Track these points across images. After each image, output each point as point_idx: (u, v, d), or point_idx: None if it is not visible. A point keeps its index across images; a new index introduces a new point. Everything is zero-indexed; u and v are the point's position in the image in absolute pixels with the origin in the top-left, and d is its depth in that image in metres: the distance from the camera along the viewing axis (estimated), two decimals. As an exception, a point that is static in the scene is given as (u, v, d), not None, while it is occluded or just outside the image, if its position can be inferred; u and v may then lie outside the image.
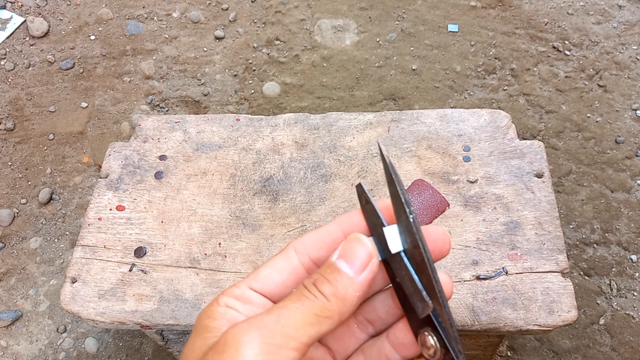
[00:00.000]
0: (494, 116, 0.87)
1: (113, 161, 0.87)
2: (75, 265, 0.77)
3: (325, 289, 0.29)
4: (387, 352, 0.34)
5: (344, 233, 0.33)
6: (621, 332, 1.13)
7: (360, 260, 0.30)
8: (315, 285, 0.30)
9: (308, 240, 0.33)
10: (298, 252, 0.33)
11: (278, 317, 0.28)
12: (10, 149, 1.48)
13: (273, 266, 0.33)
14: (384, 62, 1.59)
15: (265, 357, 0.27)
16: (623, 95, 1.48)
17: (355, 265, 0.30)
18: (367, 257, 0.31)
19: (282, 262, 0.33)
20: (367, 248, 0.31)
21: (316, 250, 0.33)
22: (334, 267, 0.30)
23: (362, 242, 0.31)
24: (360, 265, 0.30)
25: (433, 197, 0.79)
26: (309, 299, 0.29)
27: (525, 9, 1.68)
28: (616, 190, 1.32)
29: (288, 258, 0.33)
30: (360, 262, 0.30)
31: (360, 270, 0.30)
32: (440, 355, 0.32)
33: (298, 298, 0.29)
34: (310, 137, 0.87)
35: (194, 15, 1.72)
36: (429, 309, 0.31)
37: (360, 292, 0.30)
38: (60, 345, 1.18)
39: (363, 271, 0.30)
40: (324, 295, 0.29)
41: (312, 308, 0.29)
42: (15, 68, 1.63)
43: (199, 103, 1.55)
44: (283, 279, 0.32)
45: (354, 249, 0.31)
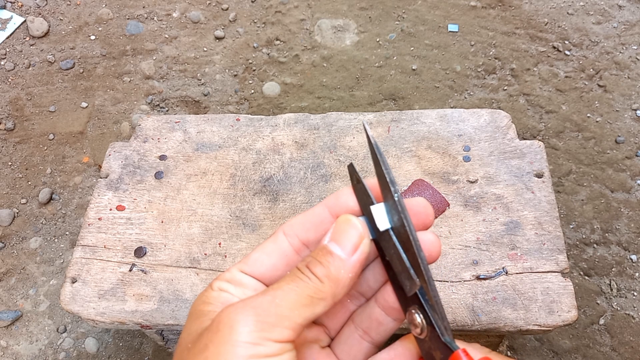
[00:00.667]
0: (494, 116, 0.87)
1: (113, 161, 0.87)
2: (75, 265, 0.77)
3: (318, 271, 0.30)
4: (377, 317, 0.34)
5: (331, 214, 0.33)
6: (621, 332, 1.13)
7: (351, 241, 0.31)
8: (308, 268, 0.30)
9: (296, 223, 0.33)
10: (287, 235, 0.33)
11: (273, 297, 0.29)
12: (10, 149, 1.48)
13: (263, 250, 0.33)
14: (384, 62, 1.59)
15: (259, 334, 0.27)
16: (623, 95, 1.48)
17: (346, 247, 0.30)
18: (358, 238, 0.31)
19: (272, 245, 0.33)
20: (357, 229, 0.31)
21: (304, 232, 0.33)
22: (326, 250, 0.31)
23: (353, 224, 0.31)
24: (352, 247, 0.31)
25: (433, 197, 0.79)
26: (302, 280, 0.29)
27: (525, 9, 1.68)
28: (616, 190, 1.32)
29: (277, 241, 0.33)
30: (352, 243, 0.31)
31: (352, 251, 0.30)
32: (427, 333, 0.32)
33: (292, 280, 0.30)
34: (310, 137, 0.87)
35: (194, 15, 1.72)
36: (416, 287, 0.31)
37: (352, 273, 0.30)
38: (60, 345, 1.18)
39: (355, 252, 0.31)
40: (317, 277, 0.30)
41: (306, 290, 0.29)
42: (15, 68, 1.63)
43: (199, 103, 1.55)
44: (273, 261, 0.33)
45: (345, 231, 0.31)
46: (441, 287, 0.72)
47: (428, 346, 0.33)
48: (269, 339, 0.28)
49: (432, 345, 0.32)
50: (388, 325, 0.34)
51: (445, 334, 0.32)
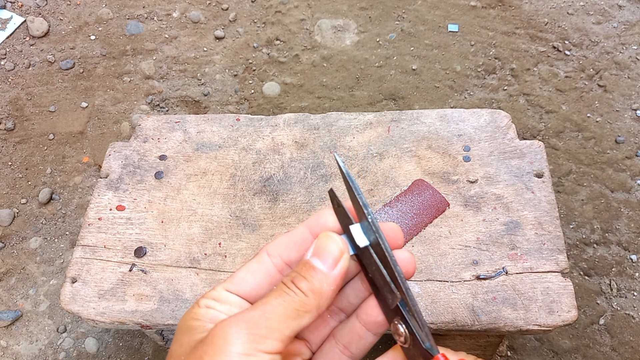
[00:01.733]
0: (494, 116, 0.87)
1: (113, 161, 0.87)
2: (75, 265, 0.77)
3: (303, 285, 0.32)
4: (358, 331, 0.36)
5: (312, 234, 0.35)
6: (621, 332, 1.13)
7: (332, 256, 0.33)
8: (293, 283, 0.32)
9: (279, 243, 0.35)
10: (270, 255, 0.35)
11: (263, 311, 0.31)
12: (10, 149, 1.48)
13: (248, 269, 0.35)
14: (384, 62, 1.59)
15: (251, 345, 0.29)
16: (623, 95, 1.48)
17: (328, 261, 0.33)
18: (338, 252, 0.33)
19: (256, 265, 0.35)
20: (338, 244, 0.33)
21: (287, 252, 0.35)
22: (308, 265, 0.33)
23: (333, 239, 0.33)
24: (333, 261, 0.33)
25: (433, 197, 0.79)
26: (289, 295, 0.32)
27: (525, 9, 1.68)
28: (616, 190, 1.32)
29: (261, 261, 0.35)
30: (333, 257, 0.33)
31: (333, 265, 0.33)
32: (410, 341, 0.35)
33: (279, 294, 0.32)
34: (310, 137, 0.87)
35: (194, 15, 1.72)
36: (397, 300, 0.33)
37: (334, 285, 0.33)
38: (60, 345, 1.18)
39: (336, 266, 0.33)
40: (302, 291, 0.32)
41: (292, 303, 0.31)
42: (15, 68, 1.63)
43: (199, 103, 1.55)
44: (257, 280, 0.34)
45: (326, 246, 0.33)
46: (441, 287, 0.72)
47: (412, 354, 0.35)
48: (260, 350, 0.29)
49: (416, 352, 0.35)
50: (368, 339, 0.36)
51: (425, 341, 0.34)
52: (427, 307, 0.70)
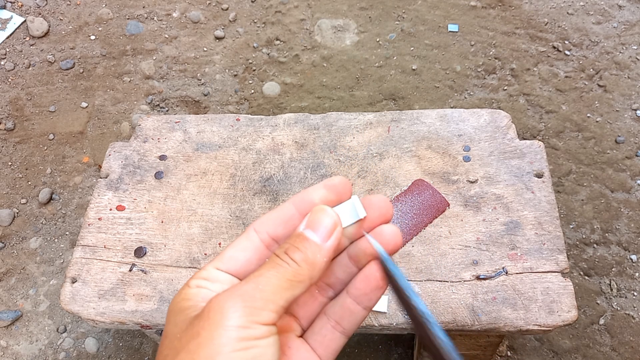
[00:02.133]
0: (494, 116, 0.87)
1: (113, 161, 0.87)
2: (75, 265, 0.77)
3: (296, 256, 0.33)
4: (349, 306, 0.37)
5: (299, 211, 0.36)
6: (621, 332, 1.13)
7: (326, 228, 0.34)
8: (287, 254, 0.33)
9: (266, 220, 0.36)
10: (258, 232, 0.36)
11: (256, 284, 0.31)
12: (10, 149, 1.48)
13: (236, 246, 0.35)
14: (384, 62, 1.59)
15: (248, 318, 0.30)
16: (623, 95, 1.48)
17: (322, 233, 0.33)
18: (332, 224, 0.34)
19: (245, 242, 0.35)
20: (331, 216, 0.34)
21: (274, 228, 0.36)
22: (302, 237, 0.33)
23: (327, 212, 0.34)
24: (327, 233, 0.33)
25: (433, 197, 0.79)
26: (282, 266, 0.32)
27: (525, 9, 1.68)
28: (616, 190, 1.32)
29: (249, 238, 0.36)
30: (327, 230, 0.34)
31: (326, 237, 0.33)
32: None
33: (272, 266, 0.32)
34: (310, 137, 0.87)
35: (194, 15, 1.72)
36: None
37: (327, 257, 0.33)
38: (60, 345, 1.18)
39: (329, 238, 0.33)
40: (295, 261, 0.32)
41: (285, 274, 0.32)
42: (15, 68, 1.63)
43: (199, 103, 1.55)
44: (247, 257, 0.35)
45: (320, 219, 0.34)
46: (441, 287, 0.72)
47: None
48: (257, 322, 0.30)
49: None
50: (359, 314, 0.37)
51: None
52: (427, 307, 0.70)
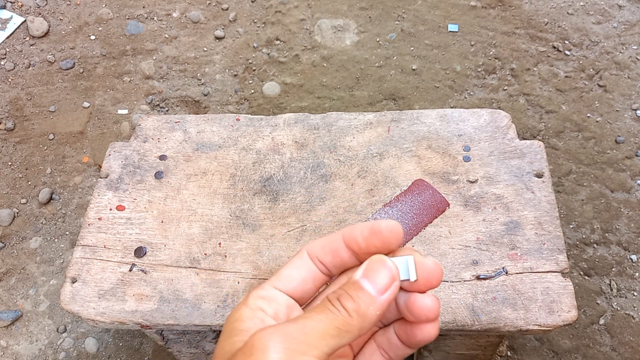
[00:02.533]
0: (494, 116, 0.87)
1: (113, 161, 0.87)
2: (75, 265, 0.77)
3: (349, 305, 0.31)
4: (395, 342, 0.37)
5: (345, 243, 0.35)
6: (621, 332, 1.13)
7: (383, 281, 0.32)
8: (339, 300, 0.32)
9: (317, 245, 0.36)
10: (310, 254, 0.36)
11: (303, 326, 0.30)
12: (10, 149, 1.48)
13: (292, 266, 0.35)
14: (384, 62, 1.59)
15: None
16: (623, 95, 1.48)
17: (378, 286, 0.32)
18: (390, 279, 0.32)
19: (299, 261, 0.36)
20: (391, 271, 0.33)
21: (323, 255, 0.36)
22: (357, 285, 0.32)
23: (387, 265, 0.33)
24: (384, 287, 0.32)
25: (433, 197, 0.79)
26: (332, 312, 0.31)
27: (525, 9, 1.68)
28: (616, 190, 1.32)
29: (302, 258, 0.36)
30: (384, 283, 0.32)
31: (382, 290, 0.32)
32: None
33: (322, 311, 0.31)
34: (310, 137, 0.87)
35: (194, 15, 1.72)
36: None
37: (380, 311, 0.32)
38: (60, 345, 1.18)
39: (385, 292, 0.32)
40: (347, 310, 0.31)
41: (334, 321, 0.31)
42: (15, 68, 1.63)
43: (199, 103, 1.55)
44: (302, 275, 0.35)
45: (378, 270, 0.33)
46: (441, 287, 0.72)
47: None
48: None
49: None
50: (405, 350, 0.37)
51: None
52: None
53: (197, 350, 0.92)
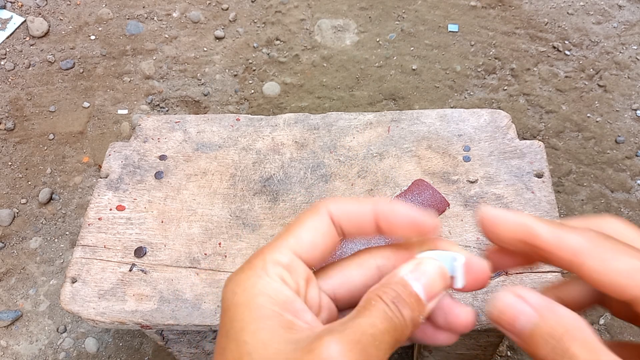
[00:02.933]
0: (494, 116, 0.87)
1: (113, 161, 0.87)
2: (75, 265, 0.77)
3: (405, 312, 0.29)
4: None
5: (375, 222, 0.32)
6: (621, 332, 1.13)
7: (436, 290, 0.30)
8: (396, 305, 0.29)
9: (342, 210, 0.32)
10: (333, 217, 0.31)
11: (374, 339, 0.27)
12: (10, 149, 1.48)
13: (314, 230, 0.31)
14: (384, 62, 1.59)
15: None
16: (623, 95, 1.48)
17: (429, 293, 0.30)
18: (442, 289, 0.30)
19: (319, 224, 0.31)
20: (446, 281, 0.30)
21: (346, 222, 0.32)
22: (413, 292, 0.29)
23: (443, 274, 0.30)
24: (433, 294, 0.30)
25: (433, 197, 0.79)
26: (393, 321, 0.28)
27: (525, 9, 1.68)
28: (616, 190, 1.32)
29: (323, 221, 0.31)
30: (435, 292, 0.30)
31: (431, 298, 0.30)
32: None
33: (385, 319, 0.28)
34: (310, 137, 0.87)
35: (194, 15, 1.72)
36: None
37: (424, 319, 0.30)
38: (60, 345, 1.18)
39: (432, 300, 0.30)
40: (402, 316, 0.28)
41: (396, 332, 0.28)
42: (15, 68, 1.63)
43: (199, 103, 1.55)
44: (326, 245, 0.31)
45: (434, 277, 0.30)
46: (441, 287, 0.72)
47: None
48: None
49: None
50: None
51: None
52: (427, 307, 0.70)
53: (197, 350, 0.92)
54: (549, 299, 0.29)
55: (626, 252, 0.27)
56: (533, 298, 0.29)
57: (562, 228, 0.29)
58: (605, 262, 0.27)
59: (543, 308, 0.28)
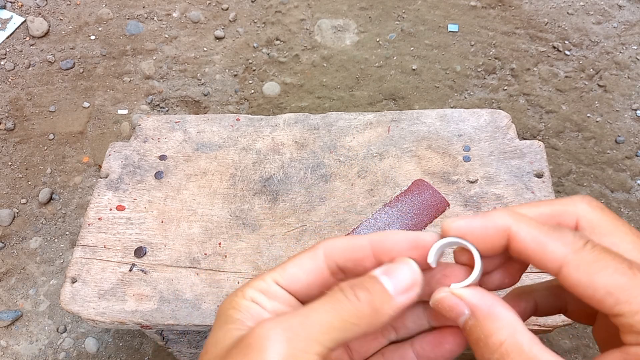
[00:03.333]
0: (494, 116, 0.87)
1: (113, 161, 0.87)
2: (75, 265, 0.77)
3: (362, 295, 0.29)
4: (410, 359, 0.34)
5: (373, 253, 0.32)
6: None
7: (404, 282, 0.30)
8: (352, 289, 0.29)
9: (337, 248, 0.32)
10: (326, 255, 0.32)
11: (305, 318, 0.28)
12: (10, 149, 1.48)
13: (301, 265, 0.32)
14: (384, 62, 1.59)
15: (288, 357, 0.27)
16: (623, 95, 1.48)
17: (397, 286, 0.30)
18: (411, 281, 0.30)
19: (310, 262, 0.32)
20: (414, 273, 0.30)
21: (343, 259, 0.32)
22: (375, 280, 0.30)
23: (411, 267, 0.30)
24: (403, 288, 0.30)
25: (433, 197, 0.79)
26: (341, 301, 0.29)
27: (525, 9, 1.68)
28: (616, 190, 1.32)
29: (316, 258, 0.32)
30: (404, 284, 0.30)
31: (401, 292, 0.30)
32: None
33: (329, 301, 0.29)
34: (310, 137, 0.87)
35: (194, 15, 1.72)
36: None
37: (394, 312, 0.29)
38: (60, 345, 1.18)
39: (403, 294, 0.30)
40: (358, 299, 0.29)
41: (342, 311, 0.28)
42: (15, 68, 1.63)
43: (199, 103, 1.55)
44: (309, 279, 0.32)
45: (401, 270, 0.30)
46: (441, 287, 0.72)
47: None
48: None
49: None
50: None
51: None
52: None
53: (197, 350, 0.92)
54: (488, 297, 0.30)
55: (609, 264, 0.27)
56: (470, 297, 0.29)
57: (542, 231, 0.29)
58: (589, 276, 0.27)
59: (477, 308, 0.29)
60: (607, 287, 0.27)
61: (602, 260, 0.27)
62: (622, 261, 0.27)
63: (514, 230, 0.30)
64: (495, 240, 0.30)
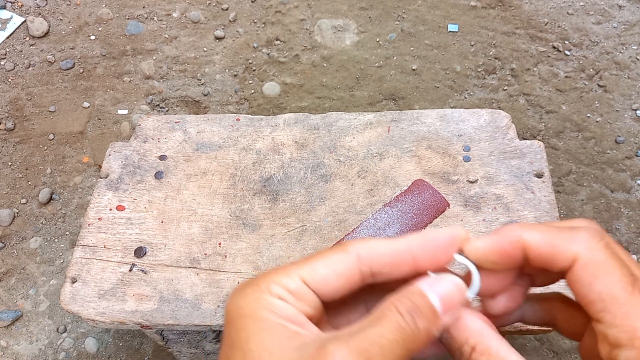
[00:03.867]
0: (494, 116, 0.87)
1: (113, 161, 0.87)
2: (75, 265, 0.77)
3: (420, 324, 0.28)
4: None
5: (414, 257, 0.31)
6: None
7: (452, 304, 0.30)
8: (412, 316, 0.28)
9: (377, 252, 0.31)
10: (361, 259, 0.31)
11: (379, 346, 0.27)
12: (10, 149, 1.48)
13: (332, 266, 0.30)
14: (384, 62, 1.59)
15: None
16: (623, 95, 1.48)
17: (445, 306, 0.29)
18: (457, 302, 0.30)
19: (342, 264, 0.30)
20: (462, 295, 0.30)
21: (379, 267, 0.31)
22: (429, 304, 0.29)
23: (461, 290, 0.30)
24: (451, 309, 0.30)
25: (433, 197, 0.79)
26: (403, 329, 0.28)
27: (525, 9, 1.68)
28: (616, 190, 1.32)
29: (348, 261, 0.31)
30: (452, 306, 0.30)
31: (447, 311, 0.29)
32: None
33: (396, 328, 0.28)
34: (310, 137, 0.87)
35: (194, 15, 1.72)
36: None
37: (438, 334, 0.29)
38: (60, 345, 1.18)
39: (447, 314, 0.29)
40: (417, 327, 0.28)
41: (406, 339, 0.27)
42: (15, 68, 1.63)
43: (199, 103, 1.55)
44: (340, 283, 0.30)
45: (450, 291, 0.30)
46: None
47: None
48: None
49: None
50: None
51: None
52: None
53: (197, 350, 0.92)
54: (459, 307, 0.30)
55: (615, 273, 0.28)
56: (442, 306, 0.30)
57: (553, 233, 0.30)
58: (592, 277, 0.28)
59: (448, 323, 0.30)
60: (602, 294, 0.28)
61: (610, 266, 0.28)
62: (627, 275, 0.28)
63: (526, 238, 0.30)
64: (511, 252, 0.31)
